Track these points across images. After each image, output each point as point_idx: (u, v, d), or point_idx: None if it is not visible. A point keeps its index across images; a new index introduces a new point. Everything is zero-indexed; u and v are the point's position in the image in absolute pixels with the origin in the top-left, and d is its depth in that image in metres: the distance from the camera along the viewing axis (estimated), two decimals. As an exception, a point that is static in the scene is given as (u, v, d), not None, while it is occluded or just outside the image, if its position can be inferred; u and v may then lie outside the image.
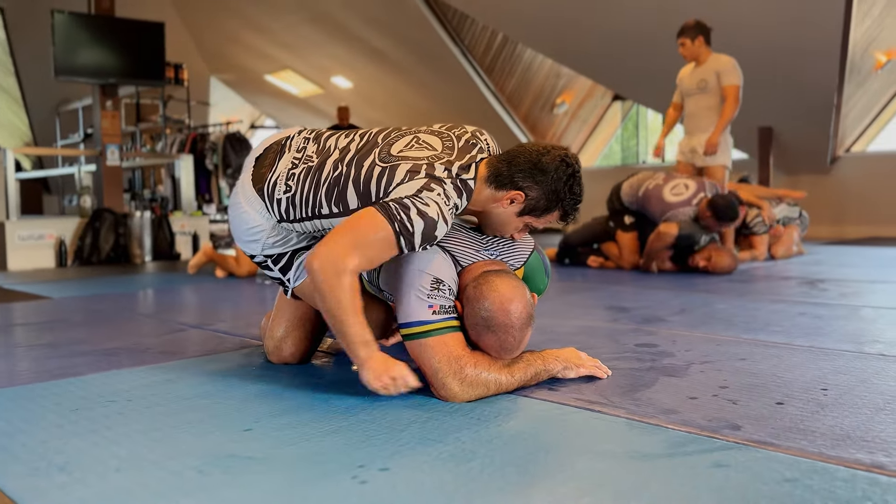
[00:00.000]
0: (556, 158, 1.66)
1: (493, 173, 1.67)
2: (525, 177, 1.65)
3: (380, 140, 1.76)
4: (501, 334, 1.61)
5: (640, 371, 1.87)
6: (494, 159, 1.70)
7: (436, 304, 1.60)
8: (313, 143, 1.84)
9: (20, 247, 5.95)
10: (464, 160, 1.67)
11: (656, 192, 4.39)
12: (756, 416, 1.47)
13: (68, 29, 6.53)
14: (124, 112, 8.90)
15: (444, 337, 1.60)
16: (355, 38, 9.63)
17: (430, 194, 1.57)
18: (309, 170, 1.75)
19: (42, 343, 2.42)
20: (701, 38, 4.67)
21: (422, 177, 1.59)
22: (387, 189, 1.60)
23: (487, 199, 1.69)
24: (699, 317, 2.73)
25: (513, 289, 1.63)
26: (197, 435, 1.42)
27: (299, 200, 1.73)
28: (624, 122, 11.70)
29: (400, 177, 1.60)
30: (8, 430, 1.46)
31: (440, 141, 1.73)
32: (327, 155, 1.77)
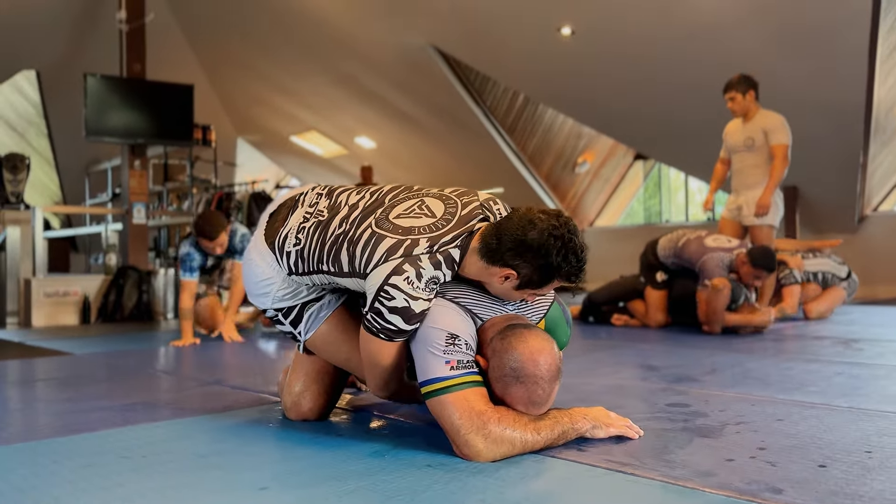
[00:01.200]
0: (544, 233, 1.56)
1: (483, 247, 1.61)
2: (513, 255, 1.57)
3: (387, 200, 1.77)
4: (531, 386, 1.55)
5: (673, 432, 1.79)
6: (487, 231, 1.63)
7: (453, 359, 1.55)
8: (325, 199, 1.87)
9: (45, 304, 6.00)
10: (456, 231, 1.64)
11: (697, 241, 4.29)
12: (798, 479, 1.39)
13: (100, 91, 6.73)
14: (152, 172, 9.09)
15: (465, 392, 1.54)
16: (379, 100, 9.81)
17: (396, 280, 1.56)
18: (319, 224, 1.78)
19: (61, 398, 2.40)
20: (752, 92, 4.61)
21: (397, 258, 1.59)
22: (365, 266, 1.63)
23: (481, 272, 1.64)
24: (732, 376, 2.64)
25: (542, 340, 1.59)
26: (211, 492, 1.37)
27: (307, 254, 1.75)
28: (646, 182, 11.71)
29: (378, 255, 1.61)
30: (21, 486, 1.42)
31: (443, 207, 1.71)
32: (337, 211, 1.80)
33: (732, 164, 4.80)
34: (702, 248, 4.21)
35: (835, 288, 5.11)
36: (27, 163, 7.13)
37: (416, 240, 1.61)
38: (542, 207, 1.64)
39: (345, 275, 1.69)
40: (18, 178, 7.01)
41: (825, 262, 5.18)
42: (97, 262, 10.09)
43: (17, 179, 6.98)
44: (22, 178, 7.06)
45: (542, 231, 1.56)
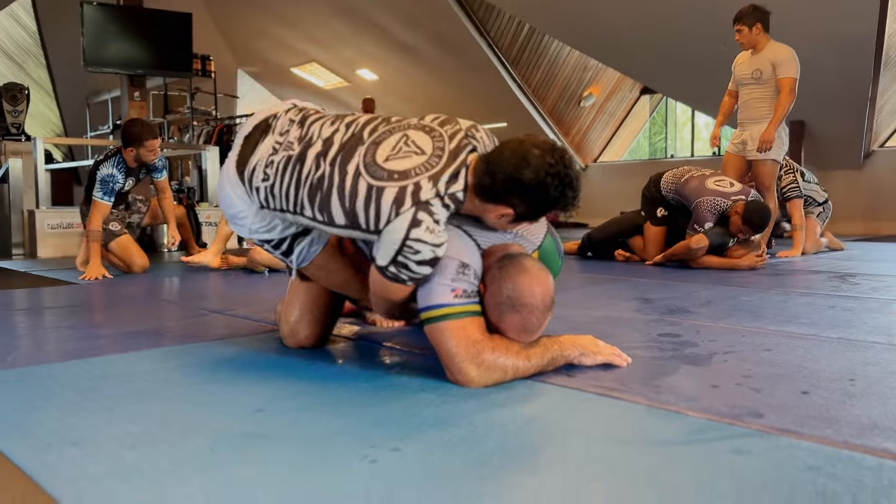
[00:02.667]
0: (540, 171, 1.51)
1: (477, 184, 1.57)
2: (508, 194, 1.54)
3: (365, 136, 1.66)
4: (526, 314, 1.59)
5: (661, 360, 1.83)
6: (479, 168, 1.57)
7: (458, 287, 1.58)
8: (297, 128, 1.74)
9: (49, 235, 6.04)
10: (452, 167, 1.58)
11: (698, 180, 4.28)
12: (780, 404, 1.43)
13: (97, 20, 6.61)
14: (152, 103, 9.00)
15: (464, 321, 1.57)
16: (381, 31, 9.63)
17: (417, 233, 1.52)
18: (288, 160, 1.68)
19: (65, 325, 2.45)
20: (759, 24, 4.50)
21: (408, 208, 1.52)
22: (376, 223, 1.55)
23: (477, 208, 1.61)
24: (725, 309, 2.67)
25: (539, 271, 1.63)
26: (210, 415, 1.41)
27: (278, 192, 1.68)
28: (652, 117, 11.57)
29: (387, 210, 1.54)
30: (24, 408, 1.47)
31: (430, 141, 1.62)
32: (308, 144, 1.68)
33: (739, 97, 4.73)
34: (700, 188, 4.20)
35: (810, 219, 5.25)
36: (26, 93, 7.08)
37: (417, 183, 1.54)
38: (533, 138, 1.58)
39: (338, 226, 1.63)
40: (18, 109, 6.97)
41: (814, 188, 5.34)
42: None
43: (16, 110, 6.94)
44: (22, 109, 7.02)
45: (537, 169, 1.52)
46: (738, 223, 4.04)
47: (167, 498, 1.02)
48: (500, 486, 1.06)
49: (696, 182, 4.26)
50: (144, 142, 4.02)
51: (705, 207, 4.12)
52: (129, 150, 4.05)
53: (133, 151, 4.06)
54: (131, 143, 4.03)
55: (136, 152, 4.06)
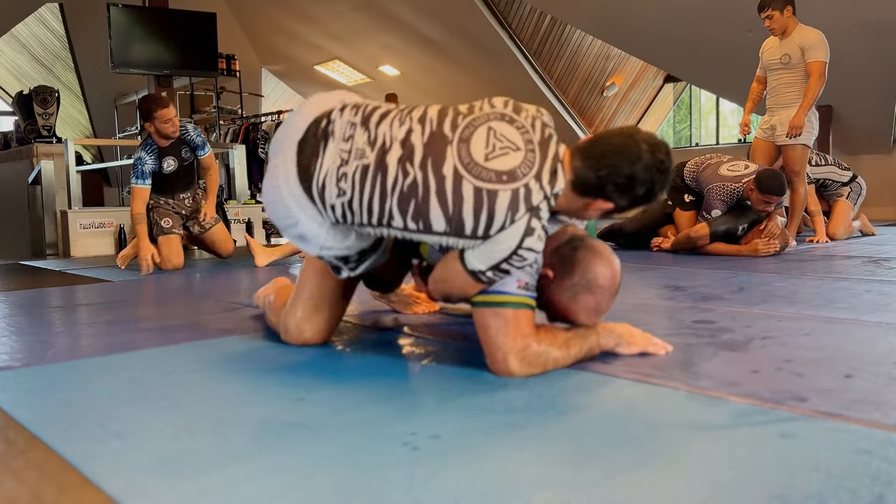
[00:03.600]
0: (652, 169, 1.48)
1: (578, 181, 1.51)
2: (615, 190, 1.50)
3: (448, 133, 1.54)
4: (600, 296, 1.61)
5: (699, 346, 1.81)
6: (579, 163, 1.51)
7: (523, 279, 1.57)
8: (362, 130, 1.60)
9: (82, 234, 6.14)
10: (548, 162, 1.51)
11: (714, 167, 4.27)
12: (823, 388, 1.41)
13: (124, 22, 6.69)
14: (179, 103, 9.09)
15: (519, 311, 1.56)
16: (402, 25, 9.62)
17: (530, 241, 1.47)
18: (365, 170, 1.55)
19: (103, 321, 2.48)
20: (789, 8, 4.42)
21: (522, 214, 1.46)
22: (486, 230, 1.47)
23: (570, 203, 1.56)
24: (759, 295, 2.64)
25: (611, 254, 1.65)
26: (251, 404, 1.42)
27: (358, 206, 1.57)
28: (676, 105, 11.45)
29: (501, 215, 1.45)
30: (68, 400, 1.49)
31: (518, 134, 1.53)
32: (384, 150, 1.55)
33: (768, 82, 4.66)
34: (714, 175, 4.20)
35: (840, 203, 5.19)
36: (56, 95, 7.18)
37: (527, 185, 1.47)
38: (634, 130, 1.53)
39: (434, 233, 1.52)
40: (49, 112, 7.07)
41: (828, 169, 5.27)
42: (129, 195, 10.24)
43: (47, 112, 7.04)
44: (52, 112, 7.12)
45: (649, 167, 1.48)
46: (757, 197, 3.98)
47: (212, 485, 1.02)
48: (542, 470, 1.05)
49: (711, 169, 4.28)
50: (155, 114, 4.03)
51: (714, 194, 4.13)
52: (148, 126, 4.08)
53: (151, 127, 4.08)
54: (146, 119, 4.06)
55: (154, 127, 4.08)
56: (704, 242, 4.13)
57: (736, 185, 4.08)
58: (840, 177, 5.27)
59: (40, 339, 2.15)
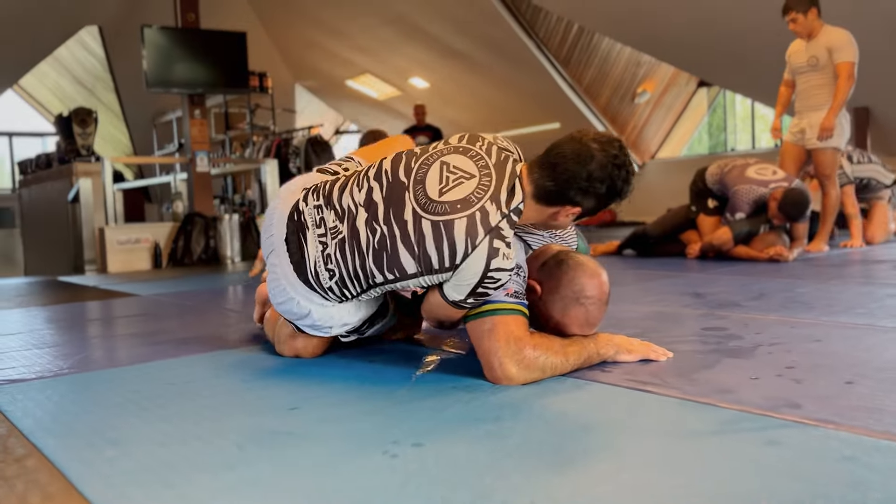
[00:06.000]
0: (607, 166, 1.49)
1: (538, 191, 1.54)
2: (577, 193, 1.52)
3: (403, 179, 1.61)
4: (590, 307, 1.63)
5: (703, 353, 1.79)
6: (535, 172, 1.55)
7: (511, 287, 1.59)
8: (328, 211, 1.70)
9: (119, 251, 6.30)
10: (505, 181, 1.55)
11: (740, 169, 4.22)
12: (820, 395, 1.38)
13: (157, 43, 6.88)
14: (214, 121, 9.29)
15: (510, 318, 1.57)
16: (430, 38, 9.69)
17: (497, 262, 1.50)
18: (342, 242, 1.65)
19: (121, 334, 2.55)
20: (814, 10, 4.32)
21: (482, 238, 1.50)
22: (451, 259, 1.52)
23: (538, 215, 1.59)
24: (778, 301, 2.59)
25: (596, 265, 1.67)
26: (246, 413, 1.45)
27: (347, 277, 1.66)
28: (711, 109, 11.29)
29: (461, 244, 1.50)
30: (74, 410, 1.54)
31: (471, 162, 1.58)
32: (353, 218, 1.65)
33: (797, 85, 4.57)
34: (740, 177, 4.16)
35: (879, 205, 5.06)
36: (94, 116, 7.40)
37: (483, 208, 1.51)
38: (585, 133, 1.54)
39: (409, 276, 1.58)
40: (87, 132, 7.29)
41: (872, 168, 5.11)
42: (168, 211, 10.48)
43: (86, 133, 7.27)
44: (91, 132, 7.34)
45: (603, 166, 1.49)
46: (774, 209, 3.98)
47: (194, 493, 1.05)
48: (520, 480, 1.05)
49: (737, 171, 4.23)
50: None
51: (741, 196, 4.10)
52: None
53: None
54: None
55: None
56: (729, 247, 4.08)
57: (764, 190, 4.03)
58: (884, 177, 5.11)
59: (59, 352, 2.22)
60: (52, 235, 7.75)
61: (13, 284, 5.16)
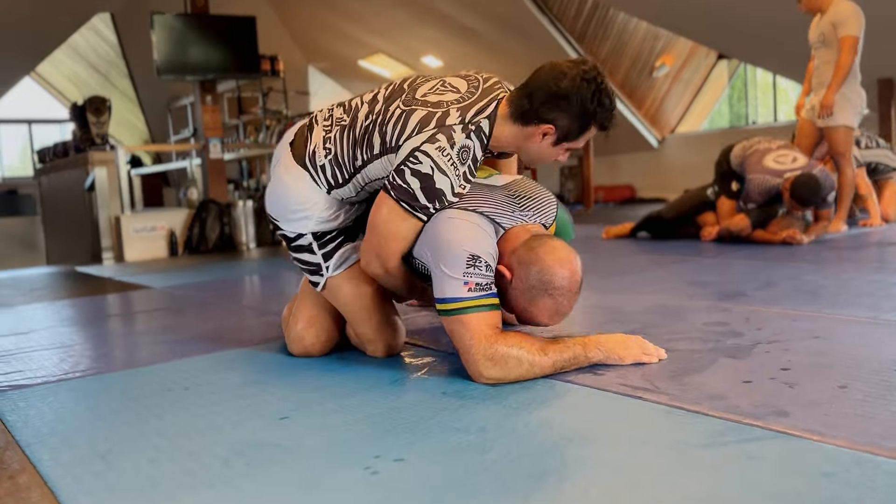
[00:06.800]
0: (576, 79, 1.57)
1: (515, 110, 1.64)
2: (549, 108, 1.60)
3: (406, 86, 1.78)
4: (559, 297, 1.59)
5: (699, 353, 1.77)
6: (514, 94, 1.66)
7: (471, 281, 1.57)
8: (338, 108, 1.87)
9: (135, 238, 6.37)
10: (483, 101, 1.67)
11: (759, 155, 4.12)
12: (810, 401, 1.36)
13: (167, 30, 6.88)
14: (227, 106, 9.30)
15: (479, 315, 1.57)
16: (443, 17, 9.60)
17: (429, 147, 1.60)
18: (343, 129, 1.78)
19: (128, 333, 2.58)
20: None
21: (430, 128, 1.62)
22: (398, 139, 1.65)
23: (517, 137, 1.67)
24: (784, 290, 2.55)
25: (569, 252, 1.63)
26: (236, 423, 1.46)
27: (342, 159, 1.76)
28: (732, 82, 11.09)
29: (411, 126, 1.64)
30: (71, 420, 1.56)
31: (465, 83, 1.74)
32: (357, 111, 1.80)
33: (813, 61, 4.50)
34: (758, 165, 4.07)
35: (891, 183, 4.99)
36: (108, 104, 7.43)
37: (447, 111, 1.64)
38: (564, 59, 1.65)
39: (375, 157, 1.70)
40: (102, 121, 7.32)
41: (881, 153, 5.05)
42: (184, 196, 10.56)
43: (100, 122, 7.30)
44: (105, 120, 7.37)
45: (573, 78, 1.58)
46: (787, 197, 3.90)
47: (172, 513, 1.06)
48: (492, 497, 1.05)
49: (756, 157, 4.12)
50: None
51: (753, 186, 4.03)
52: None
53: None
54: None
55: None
56: (747, 233, 4.01)
57: (777, 181, 3.94)
58: (892, 161, 5.03)
59: (66, 353, 2.25)
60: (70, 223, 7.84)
61: (31, 276, 5.24)
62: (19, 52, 9.23)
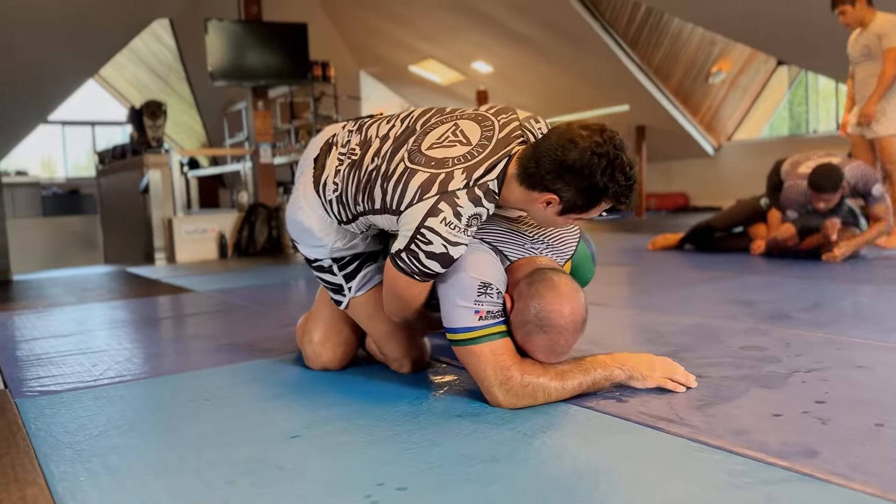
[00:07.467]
0: (586, 152, 1.43)
1: (522, 172, 1.51)
2: (554, 178, 1.46)
3: (418, 127, 1.68)
4: (554, 336, 1.51)
5: (731, 381, 1.69)
6: (524, 154, 1.52)
7: (482, 309, 1.53)
8: (356, 135, 1.78)
9: (186, 240, 6.51)
10: (493, 159, 1.53)
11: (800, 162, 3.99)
12: (842, 439, 1.28)
13: (221, 35, 7.02)
14: (280, 111, 9.44)
15: (492, 344, 1.53)
16: (493, 22, 9.56)
17: (434, 223, 1.49)
18: (352, 164, 1.71)
19: (162, 339, 2.61)
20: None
21: (432, 195, 1.50)
22: (399, 204, 1.55)
23: (523, 200, 1.55)
24: (832, 313, 2.44)
25: (570, 289, 1.54)
26: (247, 441, 1.45)
27: (345, 198, 1.70)
28: (792, 88, 10.75)
29: (411, 192, 1.53)
30: (89, 427, 1.58)
31: (479, 130, 1.60)
32: (368, 146, 1.72)
33: (855, 76, 4.41)
34: (792, 172, 3.97)
35: None
36: (164, 109, 7.62)
37: (451, 172, 1.52)
38: (584, 122, 1.51)
39: (376, 211, 1.63)
40: (157, 124, 7.52)
41: None
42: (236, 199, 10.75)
43: (156, 125, 7.49)
44: (161, 124, 7.57)
45: (583, 150, 1.44)
46: (811, 195, 3.74)
47: (166, 536, 1.05)
48: (491, 536, 1.01)
49: (796, 165, 3.99)
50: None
51: (788, 193, 3.92)
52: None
53: None
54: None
55: None
56: (794, 242, 3.87)
57: (805, 184, 3.80)
58: None
59: (99, 358, 2.29)
60: (127, 223, 8.06)
61: (85, 276, 5.40)
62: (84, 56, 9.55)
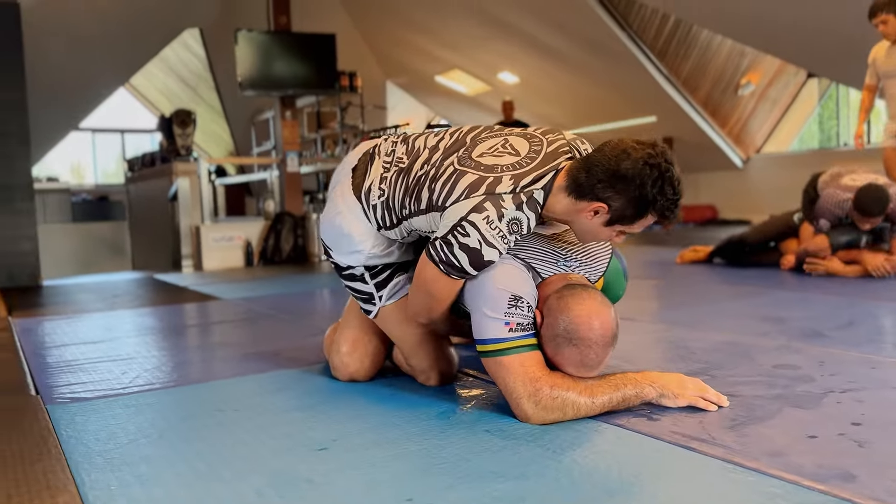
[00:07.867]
0: (639, 162, 1.45)
1: (571, 182, 1.53)
2: (605, 187, 1.48)
3: (468, 140, 1.72)
4: (584, 349, 1.51)
5: (764, 400, 1.66)
6: (575, 165, 1.55)
7: (512, 321, 1.53)
8: (402, 145, 1.82)
9: (213, 248, 6.57)
10: (541, 170, 1.56)
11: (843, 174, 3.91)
12: (880, 463, 1.25)
13: (250, 45, 7.11)
14: (307, 120, 9.52)
15: (521, 356, 1.53)
16: (519, 33, 9.56)
17: (476, 218, 1.52)
18: (400, 171, 1.74)
19: (189, 346, 2.64)
20: None
21: (479, 194, 1.54)
22: (444, 200, 1.59)
23: (569, 210, 1.56)
24: (866, 332, 2.39)
25: (599, 303, 1.54)
26: (276, 452, 1.46)
27: (391, 202, 1.73)
28: (822, 101, 10.61)
29: (459, 190, 1.56)
30: (119, 435, 1.59)
31: (528, 145, 1.64)
32: (417, 155, 1.75)
33: (887, 89, 4.33)
34: (831, 182, 3.87)
35: None
36: (193, 117, 7.72)
37: (499, 177, 1.55)
38: (636, 138, 1.53)
39: (421, 212, 1.65)
40: (187, 133, 7.61)
41: None
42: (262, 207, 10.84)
43: (185, 133, 7.58)
44: (190, 133, 7.66)
45: (636, 160, 1.46)
46: (853, 212, 3.67)
47: (196, 548, 1.06)
48: (522, 556, 1.00)
49: (835, 178, 3.91)
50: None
51: (824, 201, 3.82)
52: None
53: None
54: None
55: None
56: (826, 255, 3.80)
57: (847, 196, 3.72)
58: None
59: (128, 366, 2.31)
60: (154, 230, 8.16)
61: (114, 282, 5.47)
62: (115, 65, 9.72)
